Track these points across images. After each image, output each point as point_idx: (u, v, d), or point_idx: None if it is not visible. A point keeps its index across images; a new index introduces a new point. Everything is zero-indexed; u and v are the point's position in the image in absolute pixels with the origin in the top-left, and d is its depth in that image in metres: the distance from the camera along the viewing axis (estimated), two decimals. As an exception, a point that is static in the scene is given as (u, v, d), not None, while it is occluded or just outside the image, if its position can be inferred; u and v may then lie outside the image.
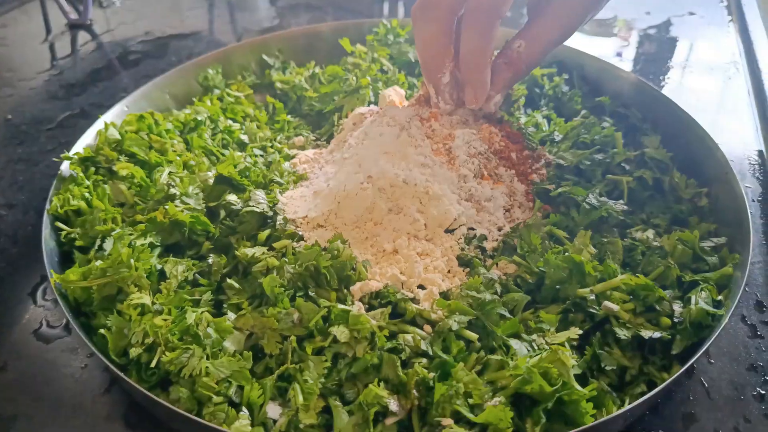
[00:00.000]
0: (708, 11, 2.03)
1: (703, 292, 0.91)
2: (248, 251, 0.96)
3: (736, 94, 1.59)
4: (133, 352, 0.84)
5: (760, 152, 1.37)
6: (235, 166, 1.10)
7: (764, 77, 1.58)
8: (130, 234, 0.98)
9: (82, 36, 2.03)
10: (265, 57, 1.55)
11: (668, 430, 0.86)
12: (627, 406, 0.77)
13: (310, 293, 0.91)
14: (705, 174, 1.13)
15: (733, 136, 1.42)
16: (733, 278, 0.94)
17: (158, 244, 0.99)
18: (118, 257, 0.90)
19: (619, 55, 1.84)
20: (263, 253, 0.96)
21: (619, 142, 1.21)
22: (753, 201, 1.24)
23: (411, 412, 0.80)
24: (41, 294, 1.09)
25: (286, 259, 0.94)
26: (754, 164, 1.34)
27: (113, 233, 0.98)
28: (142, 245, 0.94)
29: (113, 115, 1.26)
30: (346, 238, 1.00)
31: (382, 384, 0.80)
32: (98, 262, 0.92)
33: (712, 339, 0.83)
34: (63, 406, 0.91)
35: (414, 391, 0.79)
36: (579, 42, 1.58)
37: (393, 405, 0.78)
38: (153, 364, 0.83)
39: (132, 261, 0.90)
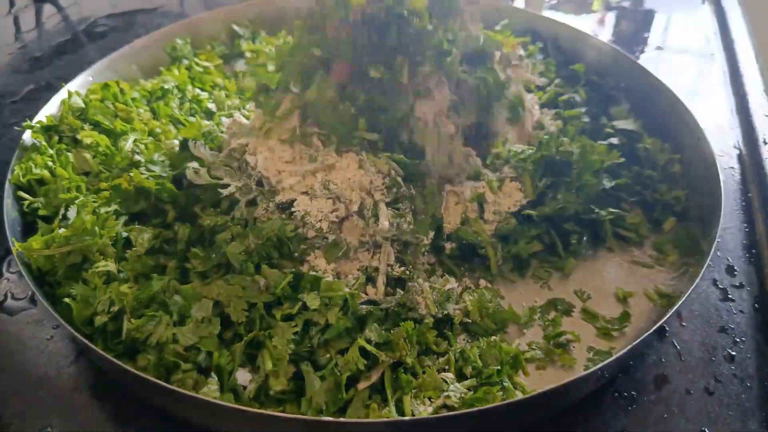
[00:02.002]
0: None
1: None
2: (211, 219, 0.94)
3: (709, 65, 1.59)
4: (99, 320, 0.82)
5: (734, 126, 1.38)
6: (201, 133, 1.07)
7: (736, 47, 1.59)
8: (95, 202, 0.95)
9: (48, 9, 1.97)
10: (234, 26, 1.51)
11: (641, 392, 0.86)
12: (598, 365, 0.77)
13: (274, 262, 0.90)
14: (678, 141, 1.14)
15: (706, 104, 1.42)
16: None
17: (123, 212, 0.97)
18: (82, 225, 0.88)
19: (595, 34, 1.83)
20: (226, 222, 0.94)
21: None
22: (725, 168, 1.24)
23: (383, 375, 0.79)
24: (6, 267, 1.06)
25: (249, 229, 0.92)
26: (726, 131, 1.34)
27: (77, 201, 0.95)
28: (107, 213, 0.92)
29: (78, 84, 1.22)
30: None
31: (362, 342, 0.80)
32: (62, 231, 0.89)
33: (684, 299, 0.83)
34: (28, 377, 0.88)
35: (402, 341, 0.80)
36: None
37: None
38: (123, 336, 0.81)
39: (96, 228, 0.88)
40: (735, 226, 1.11)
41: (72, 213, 0.94)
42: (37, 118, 1.11)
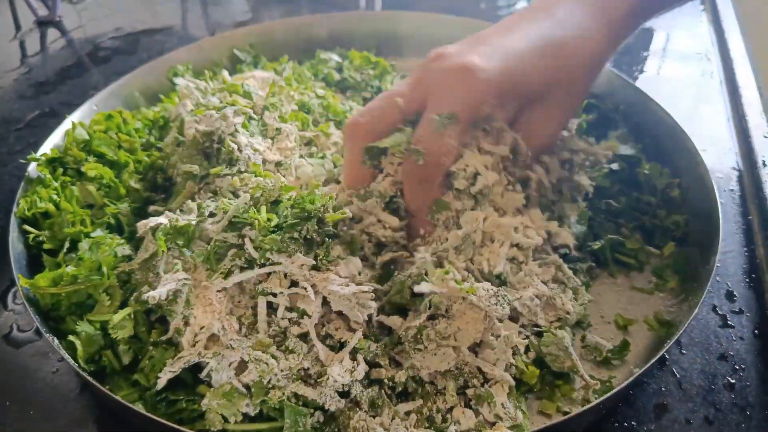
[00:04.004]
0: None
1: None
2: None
3: (708, 84, 1.60)
4: (106, 359, 0.84)
5: (732, 142, 1.38)
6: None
7: (735, 66, 1.60)
8: (110, 240, 0.96)
9: (52, 33, 1.99)
10: (236, 51, 1.53)
11: (641, 422, 0.86)
12: (600, 398, 0.77)
13: None
14: (676, 165, 1.14)
15: (705, 125, 1.43)
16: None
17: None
18: (95, 264, 0.89)
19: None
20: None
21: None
22: (725, 191, 1.24)
23: None
24: (11, 298, 1.08)
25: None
26: (726, 153, 1.35)
27: (92, 236, 0.97)
28: (123, 256, 0.93)
29: (81, 114, 1.23)
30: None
31: None
32: (69, 268, 0.90)
33: (683, 329, 0.84)
34: (33, 410, 0.89)
35: None
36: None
37: None
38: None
39: (105, 269, 0.89)
40: (735, 250, 1.12)
41: (83, 247, 0.95)
42: (41, 150, 1.12)
